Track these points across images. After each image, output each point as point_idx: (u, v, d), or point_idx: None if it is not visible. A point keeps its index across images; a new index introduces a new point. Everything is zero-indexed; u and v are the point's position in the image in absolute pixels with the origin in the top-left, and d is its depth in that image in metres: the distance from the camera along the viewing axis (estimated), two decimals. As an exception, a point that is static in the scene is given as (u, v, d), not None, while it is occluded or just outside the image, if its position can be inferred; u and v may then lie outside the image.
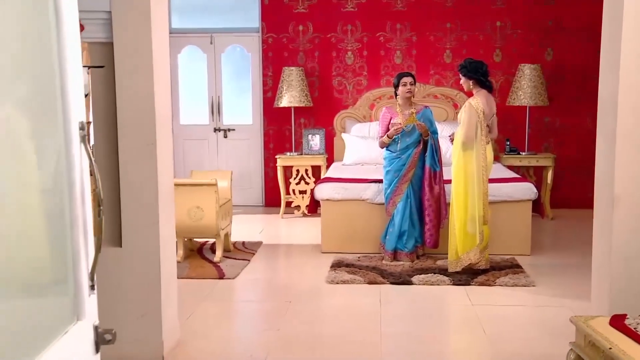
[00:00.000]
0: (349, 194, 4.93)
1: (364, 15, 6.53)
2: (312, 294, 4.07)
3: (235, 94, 7.07)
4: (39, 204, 1.09)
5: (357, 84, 6.63)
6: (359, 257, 4.76)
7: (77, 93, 1.18)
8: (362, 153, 5.91)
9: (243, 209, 6.73)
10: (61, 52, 1.13)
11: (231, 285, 4.29)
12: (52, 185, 1.12)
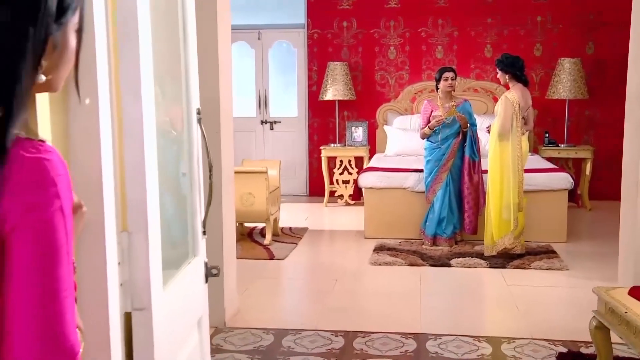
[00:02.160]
0: (391, 183, 5.31)
1: (406, 12, 6.86)
2: (356, 273, 4.48)
3: (281, 87, 7.52)
4: (178, 173, 1.53)
5: (399, 78, 6.98)
6: (400, 242, 5.14)
7: (195, 86, 1.61)
8: (404, 144, 6.26)
9: (288, 198, 7.17)
10: (186, 57, 1.56)
11: (281, 265, 4.73)
12: (187, 158, 1.56)
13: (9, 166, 0.76)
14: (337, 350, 3.14)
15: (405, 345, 3.17)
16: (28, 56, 0.78)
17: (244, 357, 3.09)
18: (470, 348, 3.12)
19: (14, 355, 0.79)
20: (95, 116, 1.09)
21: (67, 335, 0.81)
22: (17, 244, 0.78)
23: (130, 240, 1.20)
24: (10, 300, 0.79)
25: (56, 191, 0.79)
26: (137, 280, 1.19)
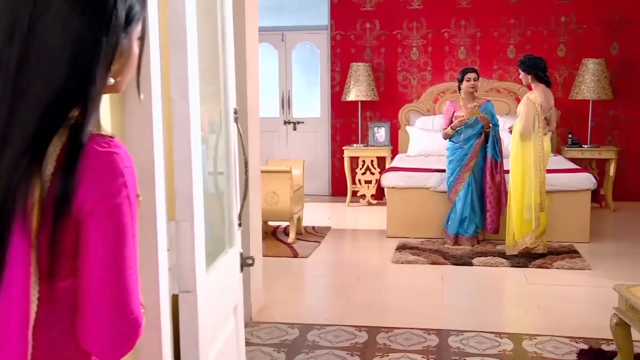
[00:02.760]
0: (413, 182, 5.39)
1: (429, 13, 6.93)
2: (379, 271, 4.57)
3: (305, 88, 7.64)
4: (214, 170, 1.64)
5: (421, 78, 7.04)
6: (422, 241, 5.21)
7: (232, 87, 1.72)
8: (426, 145, 6.33)
9: (311, 198, 7.27)
10: (225, 60, 1.68)
11: (304, 263, 4.84)
12: (224, 155, 1.68)
13: (84, 159, 0.88)
14: (360, 344, 3.23)
15: (428, 340, 3.26)
16: (101, 62, 0.90)
17: (271, 350, 3.20)
18: (492, 344, 3.19)
19: (88, 325, 0.91)
20: (148, 115, 1.21)
21: (132, 308, 0.92)
22: (91, 228, 0.89)
23: (178, 229, 1.31)
24: (85, 276, 0.90)
25: (124, 181, 0.91)
26: (183, 265, 1.31)
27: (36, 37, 0.86)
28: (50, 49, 0.87)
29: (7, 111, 0.86)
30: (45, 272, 0.88)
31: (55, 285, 0.89)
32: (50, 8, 0.86)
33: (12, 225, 0.86)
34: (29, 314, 0.88)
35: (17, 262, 0.87)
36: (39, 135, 0.87)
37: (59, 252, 0.88)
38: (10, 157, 0.85)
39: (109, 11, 0.89)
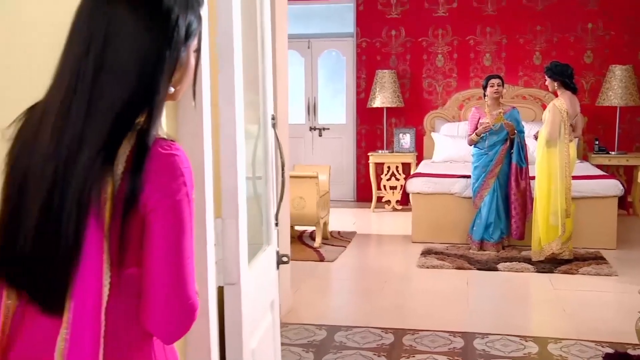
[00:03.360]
0: (438, 188, 5.45)
1: (454, 20, 7.00)
2: (404, 276, 4.65)
3: (330, 95, 7.77)
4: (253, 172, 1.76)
5: (446, 85, 7.11)
6: (447, 246, 5.27)
7: (270, 95, 1.84)
8: (451, 151, 6.39)
9: (336, 203, 7.36)
10: (264, 69, 1.79)
11: (330, 267, 4.94)
12: (262, 158, 1.79)
13: (150, 160, 1.00)
14: (387, 346, 3.31)
15: (453, 342, 3.32)
16: (165, 73, 1.02)
17: (299, 350, 3.30)
18: (517, 347, 3.24)
19: (150, 309, 1.02)
20: (199, 121, 1.33)
21: (189, 294, 1.03)
22: (155, 221, 1.00)
23: (224, 226, 1.43)
24: (148, 265, 1.01)
25: (184, 180, 1.02)
26: (228, 259, 1.42)
27: (110, 51, 0.98)
28: (121, 62, 0.98)
29: (84, 117, 0.98)
30: (115, 260, 0.99)
31: (123, 273, 1.00)
32: (122, 26, 0.98)
33: (88, 218, 0.97)
34: (101, 296, 0.99)
35: (92, 250, 0.98)
36: (111, 138, 0.98)
37: (127, 243, 0.99)
38: (86, 158, 0.97)
39: (171, 28, 1.01)
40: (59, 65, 1.02)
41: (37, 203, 0.98)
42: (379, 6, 7.16)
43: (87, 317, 0.98)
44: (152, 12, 0.99)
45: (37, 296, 1.01)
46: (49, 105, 1.01)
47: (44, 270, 0.99)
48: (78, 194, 0.96)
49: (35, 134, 1.02)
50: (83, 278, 0.98)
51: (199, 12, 1.07)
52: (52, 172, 0.97)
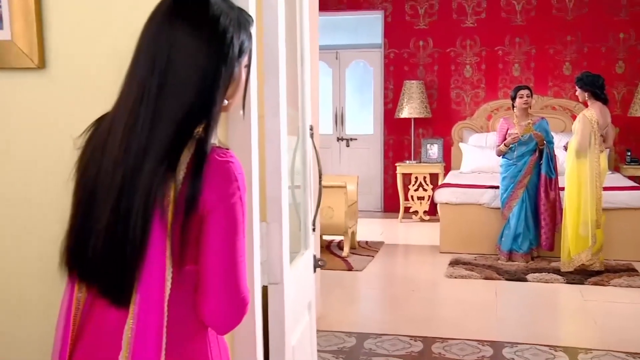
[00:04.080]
0: (466, 198, 5.50)
1: (483, 30, 7.06)
2: (433, 285, 4.70)
3: (358, 105, 7.88)
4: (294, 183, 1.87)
5: (474, 96, 7.16)
6: (476, 256, 5.31)
7: (308, 106, 1.95)
8: (479, 162, 6.43)
9: (363, 214, 7.45)
10: (303, 80, 1.91)
11: (359, 276, 5.02)
12: (300, 168, 1.90)
13: (207, 166, 1.11)
14: (416, 353, 3.38)
15: (482, 351, 3.38)
16: (221, 87, 1.13)
17: (330, 356, 3.39)
18: (547, 356, 3.28)
19: (206, 302, 1.13)
20: (247, 130, 1.44)
21: (242, 289, 1.14)
22: (212, 222, 1.11)
23: (268, 229, 1.54)
24: (205, 262, 1.12)
25: (238, 185, 1.13)
26: (272, 260, 1.53)
27: (172, 69, 1.09)
28: (182, 79, 1.10)
29: (149, 128, 1.09)
30: (177, 258, 1.10)
31: (183, 269, 1.12)
32: (183, 46, 1.10)
33: (153, 219, 1.08)
34: (164, 290, 1.09)
35: (156, 248, 1.09)
36: (173, 147, 1.09)
37: (187, 242, 1.10)
38: (151, 165, 1.08)
39: (227, 47, 1.12)
40: (125, 81, 1.14)
41: (107, 206, 1.09)
42: (406, 17, 7.27)
43: (152, 308, 1.08)
44: (210, 33, 1.11)
45: (107, 290, 1.12)
46: (117, 118, 1.13)
47: (114, 267, 1.10)
48: (144, 198, 1.07)
49: (104, 143, 1.13)
50: (148, 273, 1.08)
51: (250, 31, 1.19)
52: (121, 178, 1.09)
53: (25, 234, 1.51)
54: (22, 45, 1.46)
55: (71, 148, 1.23)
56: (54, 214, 1.43)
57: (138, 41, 1.13)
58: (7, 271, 1.53)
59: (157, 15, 1.12)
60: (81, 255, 1.14)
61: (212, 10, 1.11)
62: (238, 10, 1.17)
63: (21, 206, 1.51)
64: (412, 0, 7.22)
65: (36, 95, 1.48)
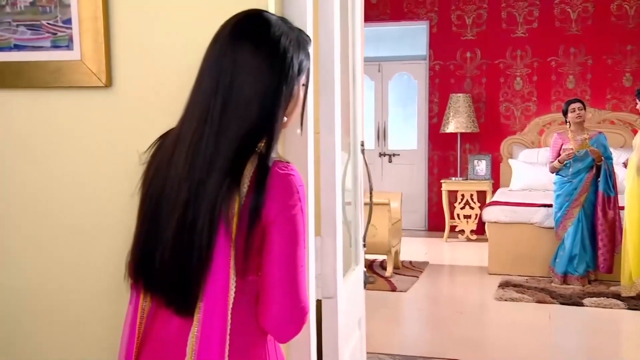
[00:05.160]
0: (517, 217, 5.51)
1: (535, 40, 7.08)
2: (481, 307, 4.72)
3: (401, 120, 7.97)
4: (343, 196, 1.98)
5: (525, 109, 7.17)
6: (527, 279, 5.31)
7: (360, 121, 2.06)
8: (530, 179, 6.42)
9: (407, 232, 7.50)
10: (354, 96, 2.03)
11: (403, 297, 5.07)
12: (350, 184, 2.02)
13: (270, 179, 1.22)
14: (465, 378, 3.42)
15: (536, 378, 3.39)
16: (282, 105, 1.25)
17: (374, 378, 3.46)
18: (606, 385, 3.28)
19: (267, 310, 1.23)
20: (304, 146, 1.56)
21: (302, 298, 1.24)
22: (274, 232, 1.22)
23: (322, 243, 1.65)
24: (267, 271, 1.23)
25: (299, 197, 1.24)
26: (326, 275, 1.64)
27: (235, 87, 1.21)
28: (245, 97, 1.21)
29: (214, 144, 1.21)
30: (240, 268, 1.21)
31: (246, 280, 1.22)
32: (246, 66, 1.22)
33: (218, 231, 1.19)
34: (228, 299, 1.20)
35: (221, 258, 1.20)
36: (236, 162, 1.21)
37: (250, 252, 1.21)
38: (216, 179, 1.19)
39: (287, 66, 1.24)
40: (190, 99, 1.27)
41: (173, 218, 1.21)
42: (453, 27, 7.35)
43: (216, 317, 1.19)
44: (271, 52, 1.22)
45: (172, 299, 1.23)
46: (182, 134, 1.25)
47: (179, 277, 1.21)
48: (210, 211, 1.18)
49: (169, 158, 1.25)
50: (213, 283, 1.19)
51: (308, 50, 1.31)
52: (187, 192, 1.20)
53: (91, 247, 1.66)
54: (90, 65, 1.62)
55: (137, 163, 1.36)
56: (120, 228, 1.58)
57: (202, 61, 1.26)
58: (74, 283, 1.68)
59: (221, 36, 1.25)
60: (147, 266, 1.25)
61: (273, 30, 1.23)
62: (297, 30, 1.29)
63: (89, 219, 1.66)
64: (459, 10, 7.30)
65: (103, 113, 1.64)
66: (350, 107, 2.02)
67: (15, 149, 1.69)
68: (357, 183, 2.05)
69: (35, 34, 1.65)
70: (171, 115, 1.28)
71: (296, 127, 1.39)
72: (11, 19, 1.67)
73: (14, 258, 1.72)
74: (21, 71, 1.67)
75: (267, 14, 1.27)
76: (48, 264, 1.70)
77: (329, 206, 1.64)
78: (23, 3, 1.66)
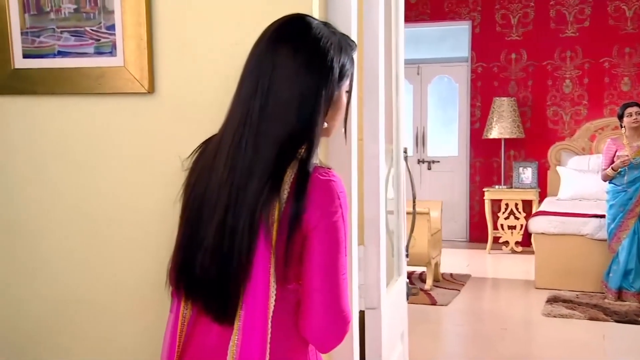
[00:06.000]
0: (566, 228, 5.45)
1: (586, 40, 6.99)
2: (528, 324, 4.69)
3: (441, 125, 7.96)
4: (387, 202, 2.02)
5: (575, 114, 7.08)
6: (578, 294, 5.24)
7: (403, 127, 2.10)
8: (581, 187, 6.34)
9: (446, 243, 7.46)
10: (397, 102, 2.07)
11: (444, 311, 5.06)
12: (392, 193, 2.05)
13: (310, 185, 1.24)
14: (511, 398, 3.40)
15: (588, 399, 3.35)
16: (321, 110, 1.28)
17: (414, 396, 3.46)
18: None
19: (309, 319, 1.26)
20: (348, 154, 1.61)
21: (343, 307, 1.26)
22: (315, 239, 1.24)
23: (366, 252, 1.69)
24: (308, 279, 1.26)
25: (340, 203, 1.27)
26: (370, 284, 1.68)
27: (273, 91, 1.25)
28: (283, 100, 1.25)
29: (253, 149, 1.25)
30: (280, 275, 1.24)
31: (286, 288, 1.26)
32: (285, 69, 1.25)
33: (258, 237, 1.22)
34: (268, 307, 1.23)
35: (261, 266, 1.23)
36: (276, 168, 1.24)
37: (291, 260, 1.24)
38: (256, 185, 1.23)
39: (326, 69, 1.27)
40: (232, 104, 1.31)
41: (213, 224, 1.25)
42: (497, 27, 7.32)
43: (256, 325, 1.23)
44: (310, 56, 1.26)
45: (211, 306, 1.28)
46: (223, 139, 1.29)
47: (219, 283, 1.25)
48: (250, 217, 1.22)
49: (211, 163, 1.30)
50: (253, 290, 1.23)
51: (351, 55, 1.34)
52: (227, 197, 1.24)
53: (133, 254, 1.73)
54: (133, 71, 1.70)
55: (179, 170, 1.42)
56: (162, 236, 1.64)
57: (244, 65, 1.30)
58: (116, 290, 1.76)
59: (262, 41, 1.30)
60: (188, 272, 1.30)
61: (313, 34, 1.27)
62: (340, 35, 1.33)
63: (130, 227, 1.73)
64: (504, 9, 7.27)
65: (146, 119, 1.71)
66: (393, 112, 2.06)
67: (57, 155, 1.78)
68: (400, 191, 2.09)
69: (78, 40, 1.74)
70: (214, 122, 1.33)
71: (340, 134, 1.42)
72: (55, 25, 1.76)
73: (53, 267, 1.80)
74: (64, 77, 1.76)
75: (309, 18, 1.31)
76: (88, 273, 1.78)
77: (373, 214, 1.68)
78: (67, 9, 1.75)
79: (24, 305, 1.82)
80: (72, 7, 1.74)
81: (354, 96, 1.61)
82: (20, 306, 1.82)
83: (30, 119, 1.80)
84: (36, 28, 1.77)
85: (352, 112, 1.61)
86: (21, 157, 1.80)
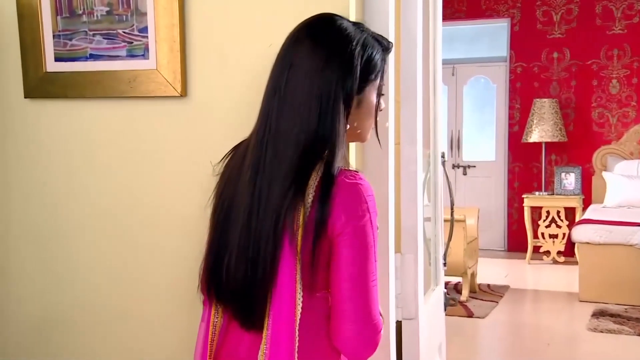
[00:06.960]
0: (613, 238, 5.39)
1: (634, 37, 6.90)
2: (573, 339, 4.64)
3: (477, 128, 7.93)
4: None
5: (622, 116, 6.99)
6: (626, 308, 5.18)
7: (440, 132, 2.12)
8: (629, 194, 6.26)
9: (483, 253, 7.41)
10: (435, 106, 2.09)
11: (481, 324, 5.04)
12: (429, 199, 2.07)
13: (336, 188, 1.24)
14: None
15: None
16: (341, 107, 1.26)
17: (450, 413, 3.46)
18: None
19: (339, 328, 1.27)
20: (384, 158, 1.64)
21: (374, 315, 1.27)
22: (342, 245, 1.25)
23: (403, 260, 1.71)
24: (336, 286, 1.27)
25: (367, 207, 1.27)
26: (407, 294, 1.70)
27: (289, 89, 1.26)
28: (299, 100, 1.25)
29: (273, 150, 1.26)
30: (307, 283, 1.25)
31: (314, 295, 1.27)
32: (302, 68, 1.26)
33: (283, 243, 1.24)
34: (295, 315, 1.24)
35: (286, 272, 1.24)
36: (300, 170, 1.25)
37: (317, 266, 1.25)
38: (279, 188, 1.24)
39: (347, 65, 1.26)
40: (261, 105, 1.32)
41: (239, 227, 1.28)
42: (538, 25, 7.27)
43: (283, 335, 1.24)
44: (330, 52, 1.26)
45: (240, 314, 1.31)
46: (251, 142, 1.32)
47: (246, 289, 1.27)
48: (274, 222, 1.24)
49: (240, 167, 1.33)
50: (279, 298, 1.24)
51: (382, 54, 1.33)
52: (250, 200, 1.26)
53: (164, 258, 1.79)
54: (166, 74, 1.75)
55: (210, 174, 1.46)
56: (194, 240, 1.68)
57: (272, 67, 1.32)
58: (147, 295, 1.81)
59: (286, 40, 1.32)
60: (217, 277, 1.33)
61: (335, 30, 1.28)
62: (370, 33, 1.33)
63: (161, 231, 1.79)
64: (545, 5, 7.22)
65: (178, 123, 1.76)
66: (431, 115, 2.09)
67: (88, 160, 1.84)
68: (437, 198, 2.11)
69: (111, 43, 1.80)
70: (246, 126, 1.37)
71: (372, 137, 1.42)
72: (87, 28, 1.82)
73: (86, 273, 1.86)
74: (96, 81, 1.82)
75: (336, 17, 1.32)
76: (118, 279, 1.83)
77: (410, 221, 1.70)
78: (99, 12, 1.81)
79: (58, 310, 1.88)
80: (104, 9, 1.80)
81: (390, 99, 1.64)
82: (55, 311, 1.89)
83: (62, 123, 1.86)
84: (68, 31, 1.83)
85: (390, 116, 1.64)
86: (52, 162, 1.87)
